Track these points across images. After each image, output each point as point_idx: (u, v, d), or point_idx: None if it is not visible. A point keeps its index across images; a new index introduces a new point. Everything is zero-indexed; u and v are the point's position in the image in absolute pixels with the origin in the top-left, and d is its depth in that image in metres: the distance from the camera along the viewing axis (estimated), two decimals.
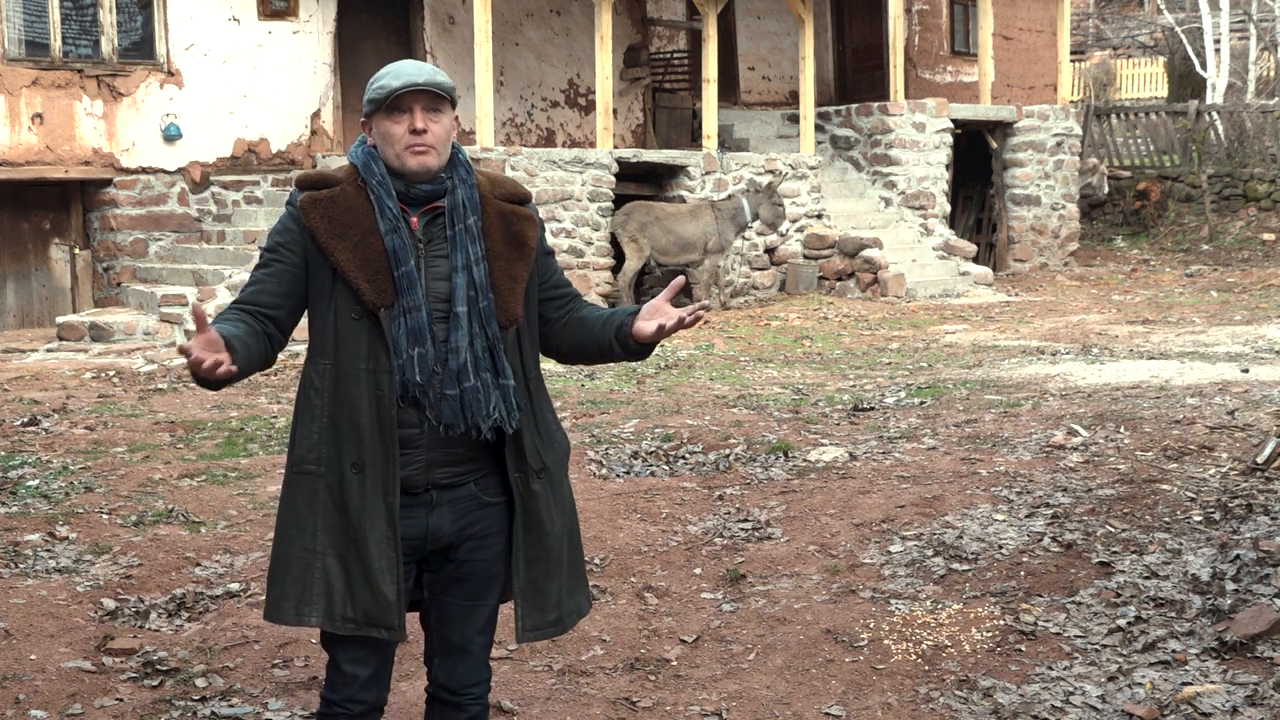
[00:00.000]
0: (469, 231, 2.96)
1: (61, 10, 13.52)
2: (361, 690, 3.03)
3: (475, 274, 2.95)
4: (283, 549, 2.98)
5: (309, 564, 2.94)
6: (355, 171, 2.98)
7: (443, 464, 2.97)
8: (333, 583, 2.93)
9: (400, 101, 2.91)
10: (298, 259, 2.95)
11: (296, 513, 2.96)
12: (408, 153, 2.92)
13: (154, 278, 13.69)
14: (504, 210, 3.05)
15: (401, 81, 2.90)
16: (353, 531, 2.91)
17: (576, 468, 6.99)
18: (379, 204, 2.93)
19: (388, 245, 2.90)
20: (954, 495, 6.06)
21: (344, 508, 2.92)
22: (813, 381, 9.83)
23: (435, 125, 2.94)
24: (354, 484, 2.91)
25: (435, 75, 2.94)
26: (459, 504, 3.01)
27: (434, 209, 2.98)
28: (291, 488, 2.99)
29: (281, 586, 2.97)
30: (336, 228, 2.92)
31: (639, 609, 4.96)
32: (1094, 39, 35.79)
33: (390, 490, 2.91)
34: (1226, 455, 6.53)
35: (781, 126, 18.58)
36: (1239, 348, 10.84)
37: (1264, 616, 4.38)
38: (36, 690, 4.17)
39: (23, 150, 13.39)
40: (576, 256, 14.66)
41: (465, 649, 3.10)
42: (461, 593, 3.07)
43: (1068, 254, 19.42)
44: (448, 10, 16.23)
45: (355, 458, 2.91)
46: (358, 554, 2.91)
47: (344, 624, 2.93)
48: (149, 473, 6.97)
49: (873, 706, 4.13)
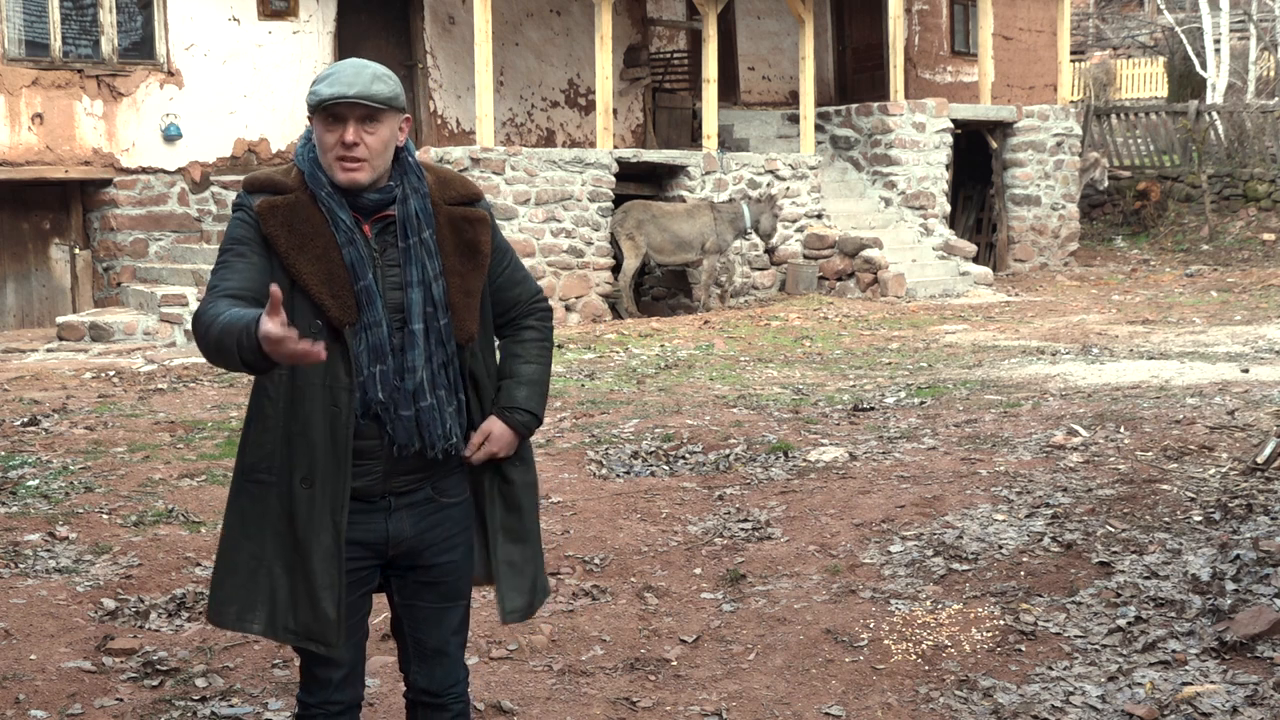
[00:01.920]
0: (424, 245, 2.88)
1: (61, 10, 13.52)
2: (336, 691, 3.01)
3: (434, 291, 2.88)
4: (229, 553, 2.94)
5: (255, 570, 2.90)
6: (303, 177, 2.86)
7: (401, 473, 2.94)
8: (277, 592, 2.89)
9: (334, 109, 2.77)
10: (262, 258, 2.83)
11: (245, 519, 2.91)
12: (337, 164, 2.81)
13: (154, 278, 13.69)
14: (455, 217, 2.95)
15: (333, 91, 2.76)
16: (299, 545, 2.86)
17: (577, 468, 6.99)
18: (331, 216, 2.83)
19: (346, 259, 2.82)
20: (954, 495, 6.06)
21: (292, 521, 2.86)
22: (813, 381, 9.83)
23: (370, 137, 2.80)
24: (303, 498, 2.85)
25: (371, 85, 2.77)
26: (417, 508, 2.97)
27: (385, 217, 2.89)
28: (242, 494, 2.93)
29: (226, 590, 2.93)
30: (297, 239, 2.81)
31: (639, 609, 4.96)
32: (1094, 39, 35.79)
33: (339, 508, 2.85)
34: (1226, 455, 6.53)
35: (781, 126, 18.58)
36: (1239, 348, 10.84)
37: (1264, 616, 4.38)
38: (36, 690, 4.17)
39: (23, 150, 13.39)
40: (576, 256, 14.66)
41: (443, 651, 3.08)
42: (433, 596, 3.05)
43: (1068, 254, 19.42)
44: (448, 10, 16.23)
45: (305, 472, 2.84)
46: (302, 567, 2.86)
47: (285, 634, 2.90)
48: (149, 473, 6.97)
49: (873, 706, 4.13)
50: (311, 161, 2.87)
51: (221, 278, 2.82)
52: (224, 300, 2.75)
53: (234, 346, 2.61)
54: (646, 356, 11.50)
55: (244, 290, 2.79)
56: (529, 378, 3.07)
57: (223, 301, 2.75)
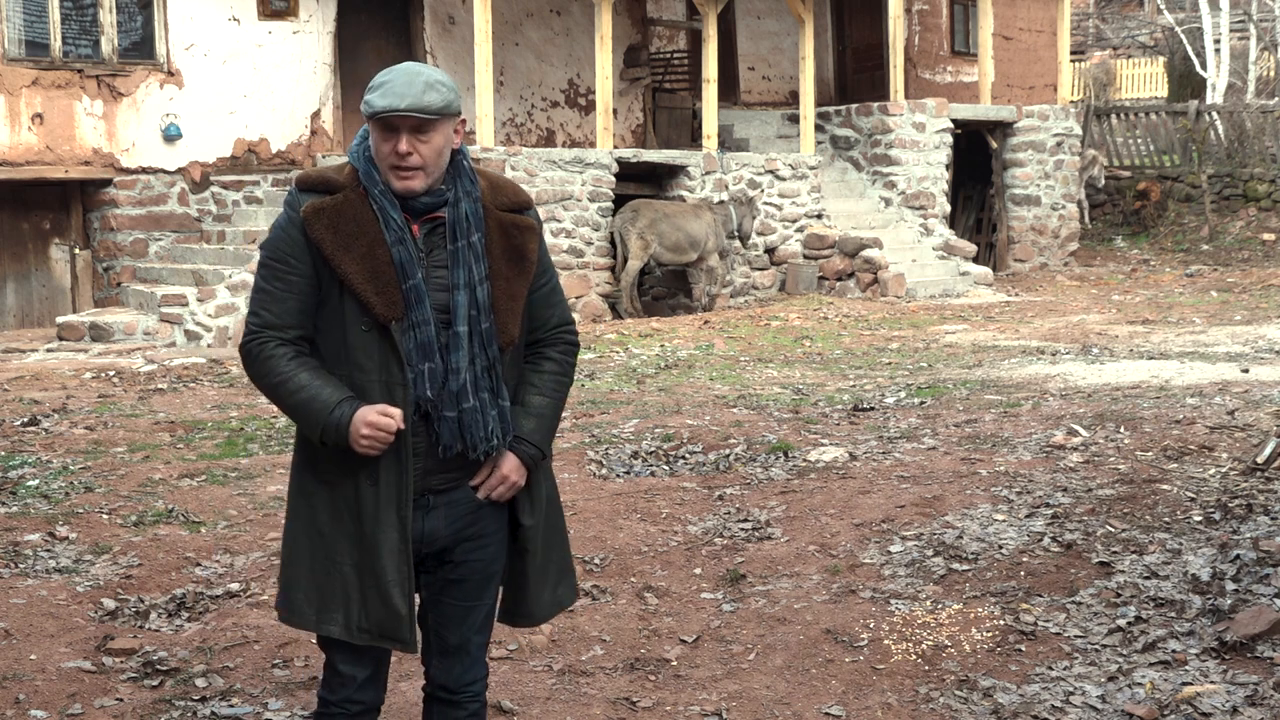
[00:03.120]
0: (472, 249, 2.92)
1: (61, 10, 13.52)
2: (359, 691, 3.04)
3: (478, 294, 2.92)
4: (301, 555, 2.97)
5: (329, 573, 2.94)
6: (356, 175, 2.92)
7: (440, 471, 2.97)
8: (350, 593, 2.93)
9: (387, 120, 2.83)
10: (308, 269, 2.89)
11: (317, 521, 2.95)
12: (392, 174, 2.87)
13: (154, 278, 13.68)
14: (505, 222, 3.00)
15: (385, 103, 2.80)
16: (367, 544, 2.90)
17: (577, 468, 6.99)
18: (383, 215, 2.88)
19: (395, 257, 2.86)
20: (954, 495, 6.06)
21: (359, 520, 2.91)
22: (813, 381, 9.82)
23: (423, 145, 2.84)
24: (368, 496, 2.90)
25: (423, 96, 2.80)
26: (454, 507, 3.00)
27: (435, 218, 2.94)
28: (309, 496, 2.97)
29: (303, 592, 2.96)
30: (342, 239, 2.86)
31: (639, 609, 4.96)
32: (1094, 39, 35.79)
33: (404, 503, 2.90)
34: (1226, 455, 6.53)
35: (781, 126, 18.58)
36: (1239, 348, 10.84)
37: (1264, 616, 4.38)
38: (36, 690, 4.17)
39: (23, 150, 13.40)
40: (576, 256, 14.66)
41: (464, 648, 3.11)
42: (459, 593, 3.07)
43: (1068, 254, 19.42)
44: (448, 10, 16.23)
45: (370, 470, 2.89)
46: (371, 566, 2.91)
47: (359, 634, 2.94)
48: (149, 473, 6.97)
49: (873, 706, 4.13)
50: (366, 160, 2.92)
51: (263, 304, 2.92)
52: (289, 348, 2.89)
53: (314, 427, 2.85)
54: (646, 356, 11.50)
55: (286, 324, 2.90)
56: (538, 410, 3.07)
57: (280, 351, 2.88)
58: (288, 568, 3.00)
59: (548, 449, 3.09)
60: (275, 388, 2.89)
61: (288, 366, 2.88)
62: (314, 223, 2.87)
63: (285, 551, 3.02)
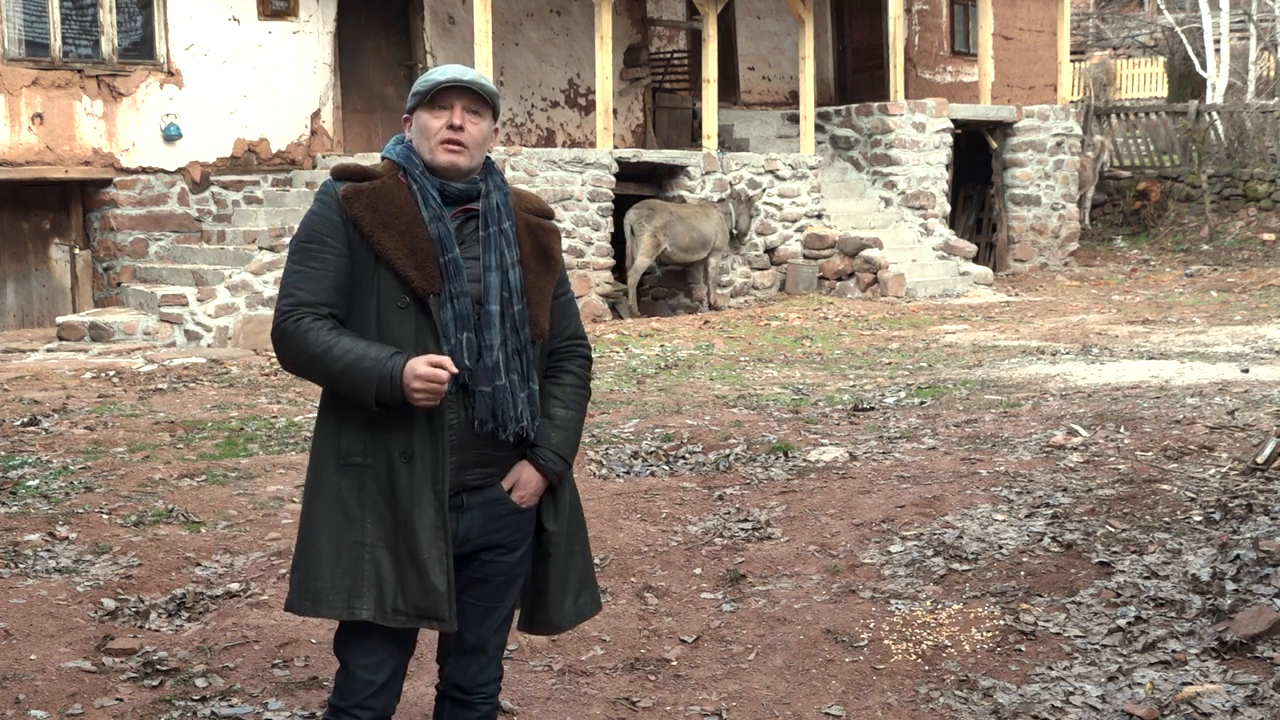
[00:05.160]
0: (504, 235, 2.99)
1: (61, 10, 13.51)
2: (372, 697, 3.01)
3: (510, 276, 2.98)
4: (328, 541, 2.93)
5: (359, 556, 2.91)
6: (394, 166, 3.00)
7: (474, 464, 2.98)
8: (383, 575, 2.91)
9: (442, 97, 2.95)
10: (343, 248, 2.93)
11: (345, 505, 2.93)
12: (441, 147, 2.95)
13: (154, 278, 13.68)
14: (531, 224, 3.08)
15: (447, 77, 2.95)
16: (401, 522, 2.89)
17: (577, 468, 6.99)
18: (422, 194, 2.95)
19: (433, 233, 2.92)
20: (954, 495, 6.06)
21: (393, 498, 2.90)
22: (813, 381, 9.83)
23: (473, 126, 2.97)
24: (403, 473, 2.90)
25: (481, 78, 2.98)
26: (488, 508, 3.01)
27: (468, 210, 3.00)
28: (336, 479, 2.94)
29: (330, 579, 2.93)
30: (381, 218, 2.92)
31: (639, 609, 4.96)
32: (1094, 39, 35.79)
33: (440, 480, 2.90)
34: (1226, 455, 6.53)
35: (781, 126, 18.58)
36: (1239, 348, 10.84)
37: (1264, 616, 4.38)
38: (36, 690, 4.17)
39: (23, 150, 13.39)
40: (576, 256, 14.67)
41: (481, 648, 3.12)
42: (482, 593, 3.08)
43: (1068, 254, 19.42)
44: (448, 10, 16.22)
45: (404, 446, 2.89)
46: (407, 545, 2.89)
47: (395, 616, 2.91)
48: (149, 473, 6.97)
49: (873, 706, 4.13)
50: (404, 151, 3.02)
51: (296, 284, 2.93)
52: (320, 320, 2.88)
53: (368, 384, 2.81)
54: (646, 356, 11.50)
55: (321, 301, 2.90)
56: (563, 422, 3.12)
57: (318, 321, 2.88)
58: (306, 559, 2.96)
59: (571, 461, 3.14)
60: (318, 358, 2.86)
61: (328, 336, 2.87)
62: (353, 202, 2.93)
63: (302, 543, 2.98)
